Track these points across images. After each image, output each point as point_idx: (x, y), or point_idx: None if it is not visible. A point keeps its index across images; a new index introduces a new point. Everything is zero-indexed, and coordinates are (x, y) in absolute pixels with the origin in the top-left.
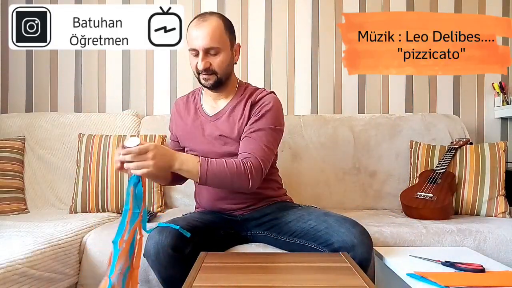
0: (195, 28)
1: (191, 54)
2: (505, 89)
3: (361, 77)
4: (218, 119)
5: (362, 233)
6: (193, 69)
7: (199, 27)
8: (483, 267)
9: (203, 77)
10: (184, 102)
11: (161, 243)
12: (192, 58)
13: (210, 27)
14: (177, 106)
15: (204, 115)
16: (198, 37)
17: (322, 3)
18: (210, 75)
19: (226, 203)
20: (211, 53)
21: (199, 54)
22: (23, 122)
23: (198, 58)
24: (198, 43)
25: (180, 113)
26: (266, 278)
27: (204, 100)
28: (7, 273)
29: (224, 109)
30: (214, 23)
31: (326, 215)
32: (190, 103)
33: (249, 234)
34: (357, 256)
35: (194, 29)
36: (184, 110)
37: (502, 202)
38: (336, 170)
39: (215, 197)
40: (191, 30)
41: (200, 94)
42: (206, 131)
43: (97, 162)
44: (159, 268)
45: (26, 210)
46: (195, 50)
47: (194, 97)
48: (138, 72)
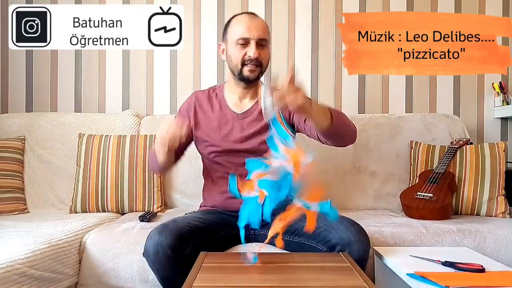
0: (248, 19)
1: (235, 45)
2: (505, 89)
3: (361, 77)
4: (247, 117)
5: (359, 231)
6: (238, 60)
7: (253, 19)
8: (483, 267)
9: (250, 68)
10: (205, 96)
11: (160, 243)
12: (238, 48)
13: (263, 21)
14: (198, 99)
15: (231, 112)
16: (252, 27)
17: (322, 3)
18: (257, 67)
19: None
20: (261, 45)
21: (251, 44)
22: (23, 122)
23: (249, 48)
24: (252, 33)
25: (202, 106)
26: (266, 278)
27: (227, 98)
28: (7, 273)
29: (252, 108)
30: (263, 20)
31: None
32: (212, 99)
33: (251, 234)
34: (354, 253)
35: (246, 20)
36: (206, 104)
37: (502, 202)
38: (336, 170)
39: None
40: (243, 20)
41: (222, 91)
42: (234, 129)
43: (97, 162)
44: (158, 268)
45: (26, 210)
46: (245, 39)
47: (216, 94)
48: (138, 72)
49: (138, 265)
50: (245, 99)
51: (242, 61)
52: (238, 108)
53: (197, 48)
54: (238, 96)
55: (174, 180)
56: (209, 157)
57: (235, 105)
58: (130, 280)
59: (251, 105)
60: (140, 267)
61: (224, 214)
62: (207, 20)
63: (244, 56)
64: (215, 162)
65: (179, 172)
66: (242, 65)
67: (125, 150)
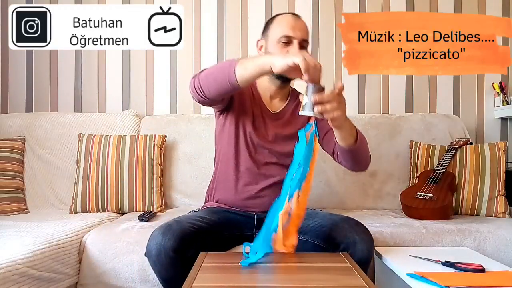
0: (292, 19)
1: (277, 43)
2: (505, 89)
3: (361, 77)
4: (280, 119)
5: (364, 231)
6: None
7: (298, 20)
8: (483, 267)
9: None
10: None
11: (163, 245)
12: (280, 47)
13: (305, 23)
14: None
15: (266, 110)
16: (296, 27)
17: (322, 3)
18: None
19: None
20: (303, 46)
21: (294, 43)
22: (23, 122)
23: (292, 47)
24: (296, 33)
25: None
26: (266, 278)
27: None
28: (7, 273)
29: (284, 110)
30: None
31: (332, 214)
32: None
33: (255, 233)
34: (358, 252)
35: (291, 19)
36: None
37: (502, 202)
38: (336, 170)
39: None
40: (287, 19)
41: (255, 85)
42: (267, 127)
43: (97, 162)
44: (160, 269)
45: (26, 210)
46: (288, 37)
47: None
48: (138, 72)
49: (138, 265)
50: (275, 99)
51: None
52: (270, 107)
53: (197, 48)
54: (269, 94)
55: (174, 180)
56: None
57: (267, 103)
58: (130, 280)
59: (283, 107)
60: (140, 267)
61: (231, 213)
62: (207, 20)
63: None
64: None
65: (179, 172)
66: None
67: (125, 150)
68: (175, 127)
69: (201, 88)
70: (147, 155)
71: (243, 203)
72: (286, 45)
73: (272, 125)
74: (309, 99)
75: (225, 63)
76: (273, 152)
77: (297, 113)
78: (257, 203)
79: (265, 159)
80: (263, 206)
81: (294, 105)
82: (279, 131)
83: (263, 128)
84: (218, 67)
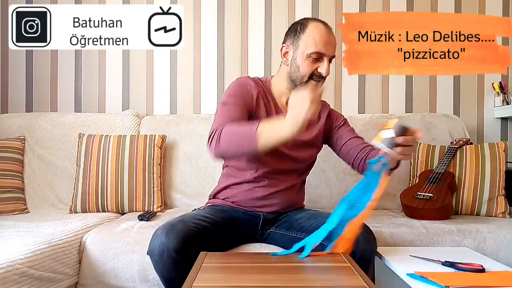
0: (326, 33)
1: (307, 56)
2: (505, 89)
3: (361, 77)
4: None
5: (367, 231)
6: (306, 72)
7: (331, 34)
8: (483, 267)
9: (315, 83)
10: (260, 86)
11: (166, 245)
12: (310, 61)
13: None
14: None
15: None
16: (329, 43)
17: (322, 3)
18: (321, 80)
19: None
20: (330, 61)
21: (324, 60)
22: (23, 122)
23: (322, 64)
24: (328, 50)
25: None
26: (266, 278)
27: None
28: (7, 273)
29: None
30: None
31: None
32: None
33: (259, 233)
34: (360, 251)
35: (326, 34)
36: (264, 94)
37: (502, 202)
38: (336, 170)
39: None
40: (322, 34)
41: (269, 88)
42: None
43: (97, 162)
44: (162, 269)
45: (26, 210)
46: (321, 54)
47: (265, 87)
48: (138, 72)
49: (138, 264)
50: None
51: (310, 74)
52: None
53: (197, 48)
54: (286, 99)
55: (174, 180)
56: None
57: (283, 108)
58: (130, 280)
59: None
60: (140, 267)
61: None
62: (207, 20)
63: (315, 71)
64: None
65: (179, 172)
66: (309, 78)
67: (125, 150)
68: (175, 127)
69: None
70: (147, 155)
71: (252, 203)
72: (316, 61)
73: None
74: (390, 134)
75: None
76: (290, 158)
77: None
78: (266, 204)
79: (281, 165)
80: (271, 208)
81: None
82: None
83: None
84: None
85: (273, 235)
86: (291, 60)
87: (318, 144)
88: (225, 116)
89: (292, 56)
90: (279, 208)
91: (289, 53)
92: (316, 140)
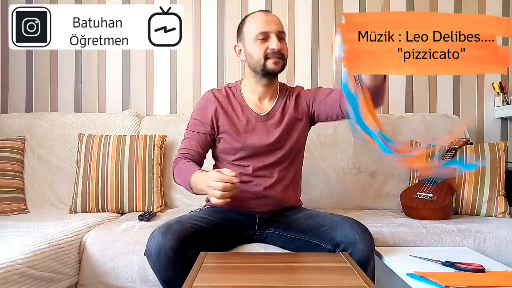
0: (264, 15)
1: (255, 40)
2: (505, 89)
3: None
4: (270, 119)
5: (364, 230)
6: (260, 55)
7: (269, 14)
8: (483, 267)
9: (274, 61)
10: (224, 96)
11: (163, 244)
12: (259, 44)
13: (276, 16)
14: (217, 98)
15: (254, 114)
16: (271, 21)
17: (322, 3)
18: (280, 59)
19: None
20: (281, 38)
21: (271, 37)
22: (23, 122)
23: (270, 41)
24: (271, 26)
25: (223, 107)
26: (266, 278)
27: (246, 98)
28: (7, 273)
29: (274, 109)
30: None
31: (333, 215)
32: (231, 98)
33: (256, 233)
34: (357, 252)
35: (262, 16)
36: (227, 104)
37: (502, 202)
38: (336, 170)
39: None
40: (258, 17)
41: (240, 91)
42: (259, 131)
43: (97, 162)
44: (160, 269)
45: (26, 210)
46: (265, 33)
47: (233, 93)
48: (138, 72)
49: (138, 265)
50: (265, 100)
51: (264, 55)
52: (259, 109)
53: (197, 48)
54: (258, 96)
55: None
56: (232, 160)
57: (256, 106)
58: (130, 280)
59: (272, 106)
60: (140, 267)
61: (234, 212)
62: (207, 20)
63: (267, 50)
64: (237, 165)
65: None
66: (265, 59)
67: (125, 150)
68: (175, 127)
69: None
70: (147, 155)
71: (246, 204)
72: (264, 41)
73: (264, 128)
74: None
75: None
76: (271, 153)
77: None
78: (260, 204)
79: (264, 162)
80: (266, 206)
81: (285, 100)
82: (272, 132)
83: (256, 135)
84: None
85: (271, 235)
86: (245, 53)
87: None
88: (184, 145)
89: (244, 49)
90: (273, 207)
91: (241, 49)
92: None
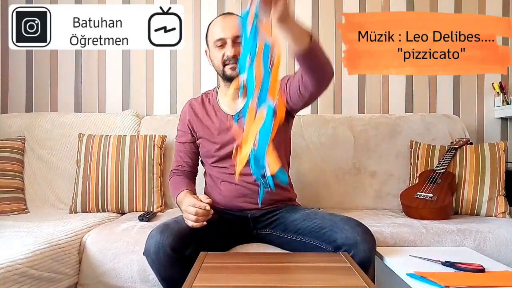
0: (221, 21)
1: (215, 47)
2: (505, 89)
3: (361, 77)
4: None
5: (365, 231)
6: (219, 61)
7: (226, 19)
8: (483, 267)
9: (231, 66)
10: (199, 103)
11: (161, 243)
12: (217, 50)
13: (236, 19)
14: (192, 107)
15: (226, 115)
16: (226, 27)
17: (322, 3)
18: (236, 63)
19: (243, 201)
20: (238, 42)
21: (227, 43)
22: (23, 122)
23: (226, 48)
24: (226, 33)
25: (198, 115)
26: (266, 278)
27: (220, 101)
28: (7, 273)
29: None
30: (237, 17)
31: (332, 215)
32: (206, 104)
33: (254, 233)
34: (359, 254)
35: (220, 21)
36: (201, 111)
37: (502, 202)
38: (336, 170)
39: (234, 194)
40: (217, 23)
41: (215, 95)
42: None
43: (97, 162)
44: (159, 267)
45: (26, 210)
46: (222, 40)
47: (209, 99)
48: (138, 72)
49: (138, 265)
50: (238, 99)
51: (222, 61)
52: (232, 109)
53: (197, 48)
54: (230, 97)
55: None
56: (211, 163)
57: (229, 107)
58: (130, 280)
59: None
60: (140, 267)
61: (227, 213)
62: (207, 20)
63: (223, 57)
64: (216, 167)
65: None
66: (223, 65)
67: (125, 150)
68: (175, 127)
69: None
70: (147, 155)
71: (236, 203)
72: (222, 48)
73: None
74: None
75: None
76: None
77: None
78: (248, 201)
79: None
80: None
81: None
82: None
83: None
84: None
85: (270, 236)
86: (210, 59)
87: None
88: (175, 158)
89: (209, 54)
90: (262, 204)
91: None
92: None
